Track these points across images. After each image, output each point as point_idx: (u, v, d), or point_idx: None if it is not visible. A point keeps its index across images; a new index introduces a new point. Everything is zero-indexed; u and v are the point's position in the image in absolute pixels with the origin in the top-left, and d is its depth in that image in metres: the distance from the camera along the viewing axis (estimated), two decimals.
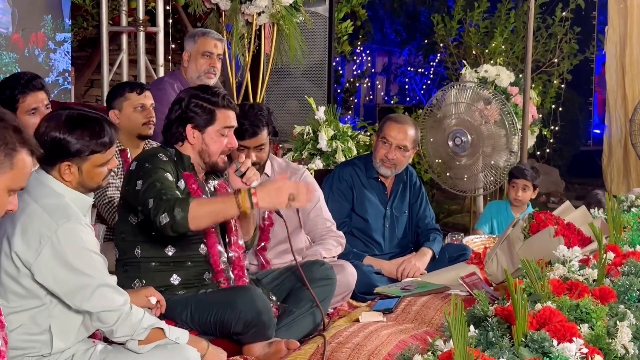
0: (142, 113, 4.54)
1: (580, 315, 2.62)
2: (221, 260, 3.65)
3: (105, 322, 2.84)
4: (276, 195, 3.38)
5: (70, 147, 2.88)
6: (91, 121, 2.95)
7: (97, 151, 2.93)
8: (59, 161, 2.89)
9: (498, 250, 4.31)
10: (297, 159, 6.05)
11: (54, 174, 2.91)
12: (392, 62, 16.65)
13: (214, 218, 3.41)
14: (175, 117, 3.64)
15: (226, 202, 3.36)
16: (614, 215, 3.84)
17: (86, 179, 2.93)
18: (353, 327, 3.66)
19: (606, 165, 9.42)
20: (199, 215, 3.31)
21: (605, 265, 3.15)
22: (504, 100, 6.85)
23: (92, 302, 2.81)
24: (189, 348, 3.01)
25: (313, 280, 3.87)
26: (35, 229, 2.77)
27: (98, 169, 2.95)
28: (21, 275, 2.81)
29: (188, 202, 3.31)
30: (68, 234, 2.78)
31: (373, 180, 5.07)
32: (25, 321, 2.83)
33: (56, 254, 2.77)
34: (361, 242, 5.00)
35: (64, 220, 2.79)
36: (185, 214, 3.28)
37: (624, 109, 9.10)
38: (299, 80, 7.08)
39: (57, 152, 2.88)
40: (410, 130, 4.95)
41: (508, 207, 6.04)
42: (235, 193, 3.36)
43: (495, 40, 9.43)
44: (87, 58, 8.90)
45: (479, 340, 2.41)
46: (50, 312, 2.85)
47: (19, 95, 4.06)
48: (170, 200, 3.32)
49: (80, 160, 2.90)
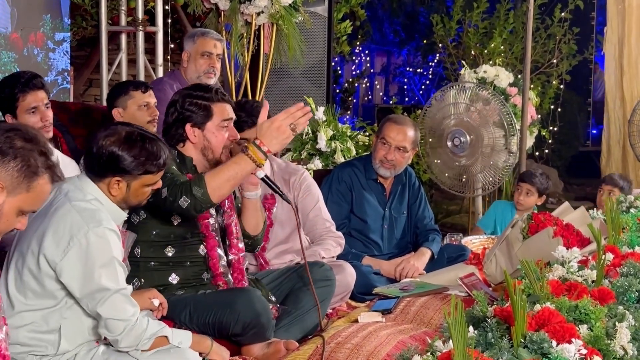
0: (147, 111, 4.55)
1: (579, 316, 2.63)
2: (220, 264, 3.66)
3: (112, 330, 2.86)
4: (280, 133, 3.38)
5: (126, 164, 2.93)
6: (150, 141, 3.00)
7: (150, 172, 2.99)
8: (110, 175, 2.94)
9: (497, 251, 4.32)
10: (296, 159, 6.06)
11: (102, 185, 2.96)
12: (391, 62, 16.65)
13: (233, 182, 3.39)
14: (173, 120, 3.65)
15: (239, 162, 3.36)
16: (612, 216, 3.84)
17: (132, 196, 3.00)
18: (352, 327, 3.66)
19: (605, 166, 9.42)
20: (218, 185, 3.33)
21: (604, 266, 3.15)
22: (503, 101, 6.85)
23: (105, 308, 2.83)
24: (189, 351, 3.03)
25: (313, 281, 3.87)
26: (67, 229, 2.81)
27: (145, 189, 3.02)
28: (43, 275, 2.84)
29: (202, 177, 3.33)
30: (97, 238, 2.82)
31: (372, 182, 5.07)
32: (37, 319, 2.86)
33: (82, 256, 2.80)
34: (360, 242, 5.01)
35: (95, 224, 2.83)
36: (204, 189, 3.30)
37: (623, 110, 9.11)
38: (298, 80, 7.09)
39: (112, 167, 2.94)
40: (410, 131, 4.95)
41: (513, 209, 6.04)
42: (244, 150, 3.35)
43: (494, 41, 9.44)
44: (86, 57, 8.90)
45: (478, 341, 2.41)
46: (62, 314, 2.89)
47: (19, 94, 4.05)
48: (184, 183, 3.34)
49: (131, 178, 2.96)
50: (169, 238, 3.57)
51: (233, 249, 3.73)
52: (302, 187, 4.59)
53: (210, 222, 3.64)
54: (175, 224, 3.58)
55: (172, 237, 3.58)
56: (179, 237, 3.60)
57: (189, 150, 3.66)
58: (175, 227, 3.59)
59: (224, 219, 3.73)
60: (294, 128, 3.41)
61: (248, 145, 3.36)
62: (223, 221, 3.73)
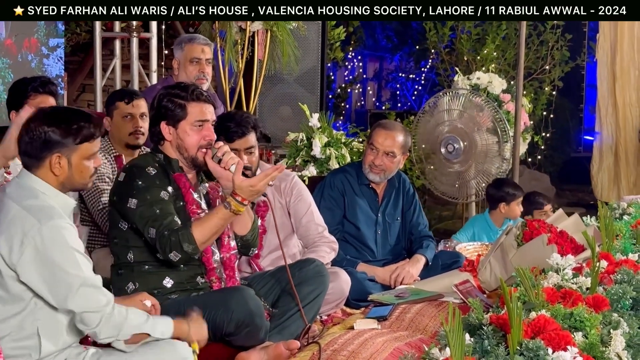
0: (130, 122, 4.56)
1: (574, 324, 2.64)
2: (214, 259, 3.68)
3: (88, 323, 2.85)
4: (258, 190, 3.50)
5: (59, 135, 2.91)
6: (75, 113, 3.01)
7: (86, 139, 2.95)
8: (48, 154, 2.91)
9: (491, 258, 4.33)
10: (290, 165, 6.06)
11: (42, 171, 2.92)
12: (383, 67, 16.69)
13: (218, 233, 3.55)
14: (151, 118, 3.70)
15: (220, 215, 3.49)
16: (606, 223, 3.86)
17: (75, 173, 2.95)
18: (348, 334, 3.67)
19: (596, 172, 9.44)
20: (205, 239, 3.48)
21: (598, 274, 3.17)
22: (497, 108, 6.88)
23: (75, 301, 2.81)
24: (181, 344, 3.04)
25: (307, 278, 3.89)
26: (19, 229, 2.79)
27: (85, 162, 2.97)
28: (5, 278, 2.82)
29: (190, 232, 3.43)
30: (51, 233, 2.80)
31: (365, 187, 5.08)
32: (13, 328, 2.85)
33: (40, 252, 2.79)
34: (354, 248, 5.01)
35: (46, 219, 2.81)
36: (194, 244, 3.43)
37: (615, 117, 9.14)
38: (291, 87, 7.10)
39: (48, 145, 2.90)
40: (399, 136, 4.96)
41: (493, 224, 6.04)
42: (225, 205, 3.48)
43: (487, 47, 9.47)
44: (79, 63, 8.89)
45: (475, 349, 2.43)
46: (35, 316, 2.86)
47: (32, 92, 4.10)
48: (172, 235, 3.42)
49: (69, 151, 2.93)
50: None
51: (224, 247, 3.75)
52: (294, 192, 4.60)
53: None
54: None
55: None
56: None
57: (168, 149, 3.67)
58: None
59: None
60: (271, 185, 3.59)
61: (229, 200, 3.47)
62: None
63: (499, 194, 5.98)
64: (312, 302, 3.89)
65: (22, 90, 4.10)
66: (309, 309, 3.86)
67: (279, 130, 6.87)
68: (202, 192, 3.76)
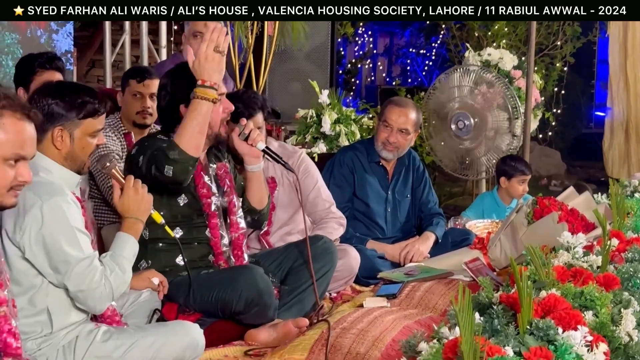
0: (138, 101, 4.55)
1: (584, 303, 2.62)
2: (222, 243, 3.68)
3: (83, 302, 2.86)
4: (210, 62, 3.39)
5: (63, 108, 2.90)
6: (82, 88, 2.99)
7: (90, 114, 2.94)
8: (51, 127, 2.89)
9: (502, 236, 4.32)
10: (300, 142, 6.04)
11: (44, 145, 2.90)
12: (393, 43, 16.61)
13: (200, 127, 3.37)
14: (166, 103, 3.63)
15: (195, 108, 3.35)
16: (617, 201, 3.83)
17: (77, 148, 2.94)
18: (357, 312, 3.67)
19: (607, 149, 9.41)
20: (188, 138, 3.33)
21: (609, 252, 3.15)
22: (507, 84, 6.83)
23: (72, 280, 2.82)
24: (192, 325, 3.06)
25: (316, 254, 3.89)
26: (21, 206, 2.77)
27: (88, 139, 2.96)
28: (12, 256, 2.82)
29: (171, 141, 3.35)
30: (52, 210, 2.80)
31: (374, 165, 5.07)
32: (24, 305, 2.84)
33: (41, 230, 2.78)
34: (364, 225, 5.01)
35: (47, 196, 2.80)
36: (178, 149, 3.31)
37: (626, 93, 9.09)
38: (301, 63, 7.08)
39: (51, 117, 2.89)
40: (412, 113, 4.96)
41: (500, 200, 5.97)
42: (193, 97, 3.37)
43: (498, 23, 9.39)
44: (88, 38, 8.88)
45: (484, 328, 2.41)
46: (45, 292, 2.87)
47: (38, 68, 4.09)
48: (159, 152, 3.36)
49: (72, 126, 2.92)
50: (177, 219, 3.58)
51: (233, 226, 3.75)
52: (301, 169, 4.59)
53: (213, 200, 3.66)
54: (182, 204, 3.61)
55: (179, 217, 3.60)
56: (186, 218, 3.62)
57: None
58: (182, 208, 3.61)
59: (225, 199, 3.75)
60: (221, 51, 3.42)
61: (195, 90, 3.37)
62: (225, 201, 3.75)
63: (502, 167, 5.92)
64: (321, 279, 3.91)
65: (29, 66, 4.10)
66: (318, 285, 3.87)
67: (288, 107, 6.86)
68: (212, 173, 3.76)
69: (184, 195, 3.61)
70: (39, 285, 2.86)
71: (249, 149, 3.70)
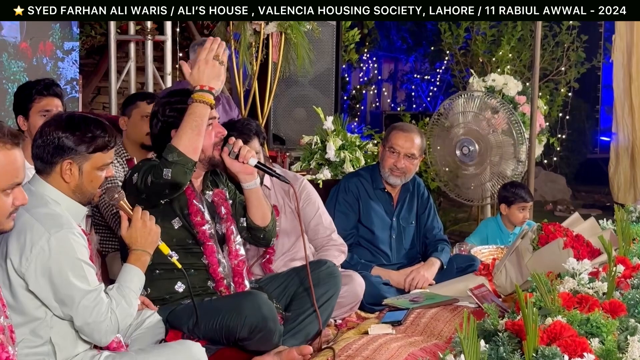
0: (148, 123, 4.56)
1: (590, 330, 2.62)
2: (219, 270, 3.67)
3: (89, 335, 2.86)
4: (210, 68, 3.51)
5: (73, 142, 2.90)
6: (93, 121, 2.98)
7: (99, 149, 2.94)
8: (60, 160, 2.89)
9: (507, 262, 4.31)
10: (305, 168, 6.04)
11: (53, 177, 2.91)
12: (398, 69, 16.65)
13: (198, 130, 3.43)
14: (159, 130, 3.65)
15: (192, 111, 3.43)
16: (623, 226, 3.83)
17: (85, 181, 2.93)
18: (362, 339, 3.66)
19: (613, 174, 9.39)
20: (187, 141, 3.38)
21: (615, 278, 3.14)
22: (512, 110, 6.84)
23: (78, 313, 2.81)
24: (194, 345, 3.04)
25: (319, 279, 3.88)
26: (28, 238, 2.77)
27: (97, 172, 2.96)
28: (16, 287, 2.81)
29: (170, 145, 3.38)
30: (60, 243, 2.79)
31: (379, 191, 5.08)
32: (26, 335, 2.83)
33: (47, 263, 2.77)
34: (369, 252, 5.00)
35: (56, 229, 2.80)
36: (177, 151, 3.35)
37: (631, 118, 9.08)
38: (306, 89, 7.08)
39: (60, 150, 2.89)
40: (417, 138, 4.97)
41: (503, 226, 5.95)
42: (191, 102, 3.44)
43: (502, 49, 9.41)
44: (94, 65, 8.93)
45: (490, 356, 2.41)
46: (48, 324, 2.86)
47: (36, 95, 4.09)
48: (155, 163, 3.41)
49: (82, 159, 2.91)
50: (171, 242, 3.53)
51: (232, 253, 3.75)
52: (302, 196, 4.60)
53: (206, 228, 3.65)
54: (176, 227, 3.61)
55: (174, 241, 3.57)
56: (181, 242, 3.61)
57: None
58: (176, 231, 3.61)
59: (222, 226, 3.74)
60: (220, 60, 3.52)
61: (192, 95, 3.44)
62: (222, 228, 3.74)
63: (502, 193, 5.93)
64: (325, 304, 3.89)
65: (27, 94, 4.09)
66: (323, 310, 3.85)
67: (293, 133, 6.86)
68: (208, 200, 3.76)
69: (178, 218, 3.61)
70: (42, 317, 2.85)
71: (240, 166, 3.71)
